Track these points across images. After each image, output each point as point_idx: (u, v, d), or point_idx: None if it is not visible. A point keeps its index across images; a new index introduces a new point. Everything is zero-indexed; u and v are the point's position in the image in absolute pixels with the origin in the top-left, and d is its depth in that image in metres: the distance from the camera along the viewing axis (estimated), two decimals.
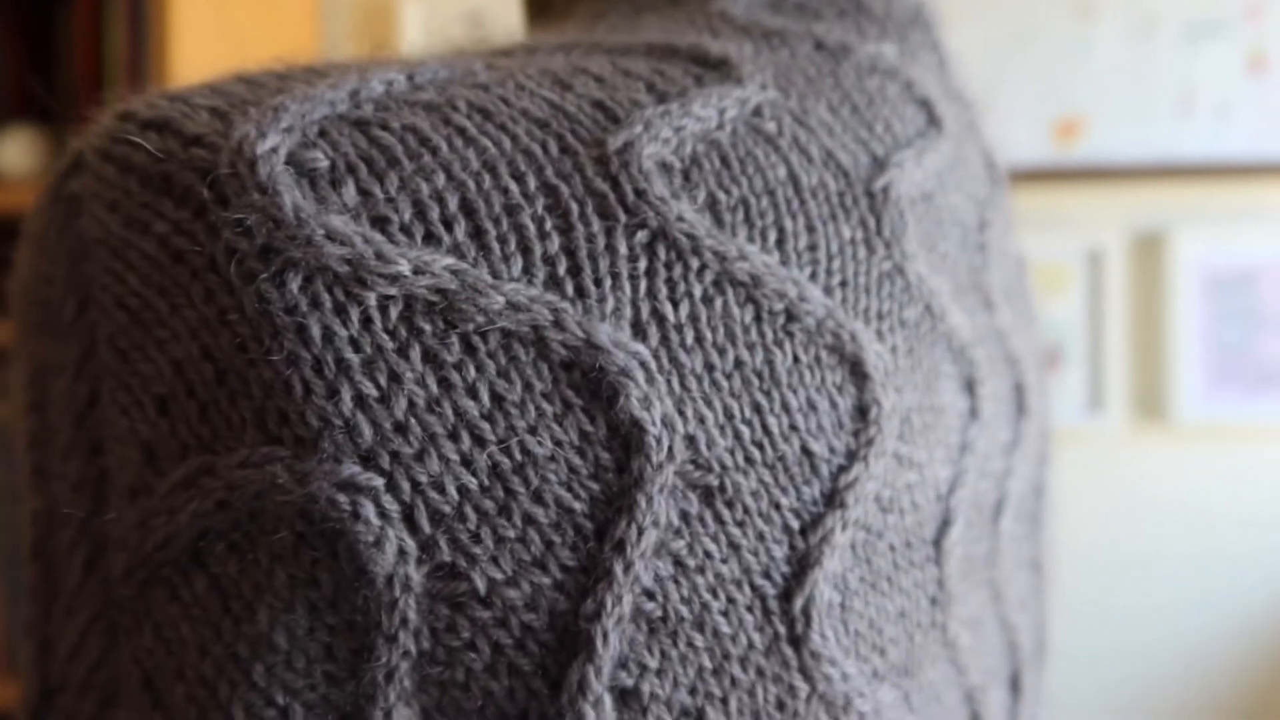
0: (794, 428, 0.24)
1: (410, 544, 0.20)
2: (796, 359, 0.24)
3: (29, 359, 0.24)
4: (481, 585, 0.20)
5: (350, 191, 0.20)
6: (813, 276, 0.25)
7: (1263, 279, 1.44)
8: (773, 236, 0.25)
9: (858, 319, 0.26)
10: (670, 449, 0.22)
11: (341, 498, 0.19)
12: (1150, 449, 1.48)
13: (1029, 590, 0.40)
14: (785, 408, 0.24)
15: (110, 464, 0.22)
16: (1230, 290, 1.44)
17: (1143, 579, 1.49)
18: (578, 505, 0.21)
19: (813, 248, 0.26)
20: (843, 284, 0.26)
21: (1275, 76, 1.42)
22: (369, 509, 0.19)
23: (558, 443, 0.21)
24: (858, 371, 0.25)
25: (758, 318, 0.24)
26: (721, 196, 0.24)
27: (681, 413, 0.22)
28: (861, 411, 0.25)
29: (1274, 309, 1.44)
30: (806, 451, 0.24)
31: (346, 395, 0.19)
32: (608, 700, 0.21)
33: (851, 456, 0.25)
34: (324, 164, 0.20)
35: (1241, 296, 1.44)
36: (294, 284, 0.19)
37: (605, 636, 0.21)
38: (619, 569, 0.21)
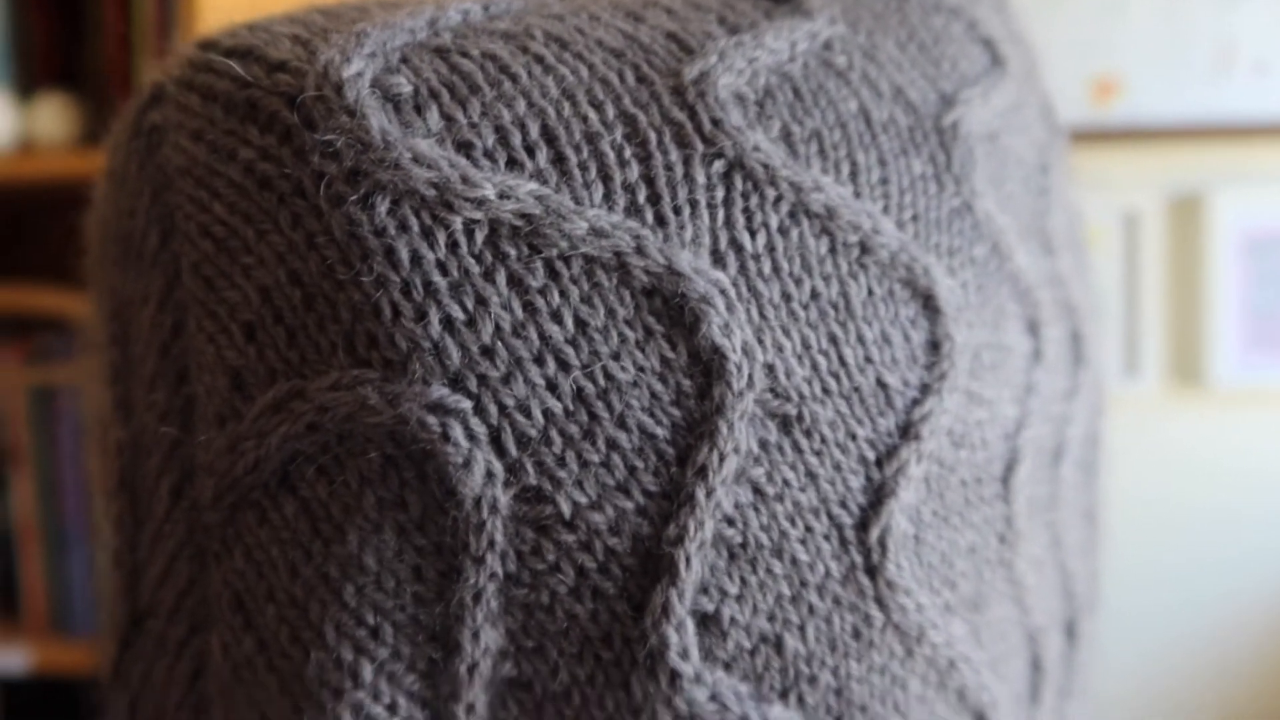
0: (869, 359, 0.24)
1: (497, 466, 0.20)
2: (871, 291, 0.24)
3: (109, 294, 0.24)
4: (566, 509, 0.20)
5: (434, 116, 0.20)
6: (885, 210, 0.25)
7: None
8: (846, 169, 0.25)
9: (930, 253, 0.26)
10: (750, 376, 0.22)
11: (431, 419, 0.19)
12: (1186, 414, 1.46)
13: (1085, 539, 0.40)
14: (860, 339, 0.24)
15: (197, 391, 0.22)
16: (1269, 252, 1.42)
17: (1178, 544, 1.48)
18: (660, 431, 0.21)
19: (885, 181, 0.25)
20: (914, 218, 0.26)
21: None
22: (458, 431, 0.20)
23: (640, 368, 0.21)
24: (931, 306, 0.25)
25: (833, 249, 0.24)
26: (795, 128, 0.24)
27: (761, 341, 0.22)
28: (934, 346, 0.25)
29: None
30: (881, 383, 0.24)
31: (434, 318, 0.20)
32: (689, 624, 0.21)
33: (925, 390, 0.25)
34: (408, 89, 0.20)
35: (1278, 260, 1.42)
36: (382, 207, 0.20)
37: (688, 560, 0.21)
38: (701, 494, 0.21)
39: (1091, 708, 0.43)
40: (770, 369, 0.22)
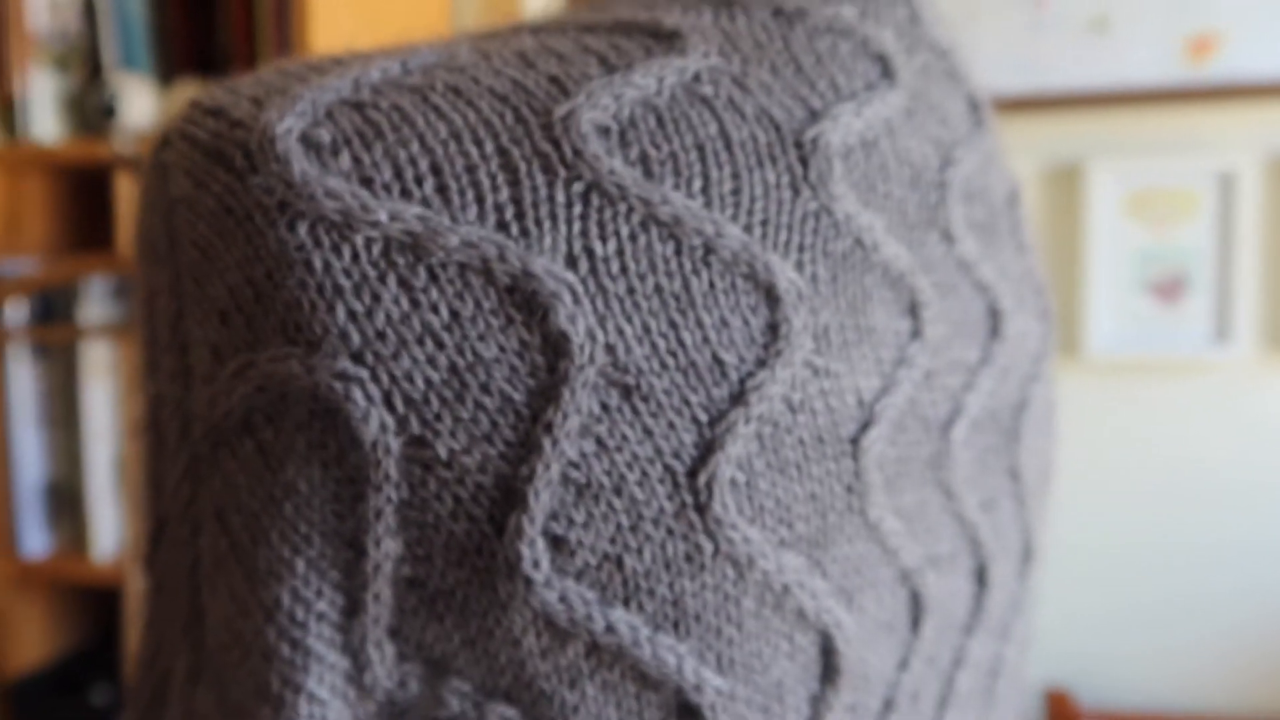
0: (706, 340, 0.29)
1: (389, 420, 0.27)
2: (712, 284, 0.30)
3: (143, 284, 0.32)
4: (443, 452, 0.27)
5: (345, 159, 0.27)
6: (734, 217, 0.30)
7: None
8: (698, 184, 0.30)
9: (775, 251, 0.31)
10: (591, 354, 0.28)
11: (337, 384, 0.27)
12: (1278, 380, 1.41)
13: (1004, 495, 0.44)
14: (699, 324, 0.29)
15: (192, 360, 0.30)
16: None
17: (1270, 511, 1.44)
18: (517, 395, 0.27)
19: (735, 192, 0.31)
20: (764, 222, 0.31)
21: None
22: (357, 393, 0.27)
23: (501, 348, 0.27)
24: (771, 295, 0.31)
25: (678, 251, 0.29)
26: (652, 152, 0.30)
27: (603, 326, 0.28)
28: (773, 328, 0.30)
29: None
30: (718, 360, 0.29)
31: (340, 310, 0.27)
32: (540, 542, 0.28)
33: (760, 364, 0.30)
34: (327, 139, 0.27)
35: None
36: (302, 229, 0.27)
37: (537, 494, 0.27)
38: (548, 444, 0.27)
39: (1020, 650, 0.47)
40: (611, 348, 0.28)
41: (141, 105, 1.23)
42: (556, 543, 0.28)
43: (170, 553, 0.31)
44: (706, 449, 0.29)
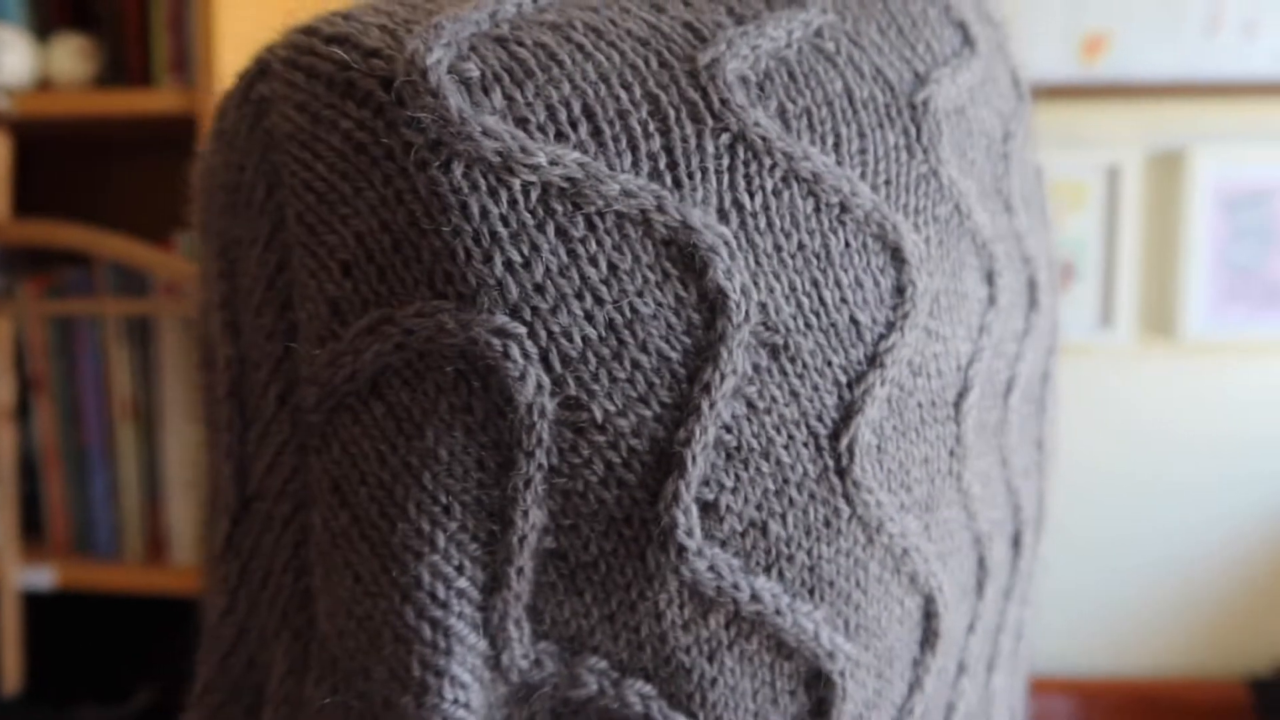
0: (844, 300, 0.29)
1: (545, 379, 0.25)
2: (848, 244, 0.29)
3: (217, 235, 0.29)
4: (599, 414, 0.26)
5: (498, 96, 0.25)
6: (863, 175, 0.30)
7: (1276, 198, 1.47)
8: (830, 141, 0.29)
9: (899, 212, 0.31)
10: (747, 312, 0.27)
11: (494, 341, 0.24)
12: (1157, 364, 1.52)
13: (1032, 463, 0.46)
14: (838, 283, 0.29)
15: (299, 317, 0.27)
16: (1244, 209, 1.47)
17: (1146, 490, 1.55)
18: (674, 354, 0.26)
19: (863, 151, 0.30)
20: (887, 183, 0.31)
21: None
22: (515, 350, 0.25)
23: (659, 304, 0.26)
24: (898, 256, 0.30)
25: (817, 208, 0.29)
26: (789, 106, 0.29)
27: (756, 283, 0.27)
28: (899, 290, 0.30)
29: None
30: (854, 320, 0.29)
31: (498, 260, 0.25)
32: (694, 509, 0.27)
33: (890, 326, 0.30)
34: (476, 74, 0.25)
35: (1255, 215, 1.47)
36: (458, 171, 0.24)
37: (694, 459, 0.26)
38: (705, 405, 0.26)
39: (1032, 613, 0.49)
40: (763, 306, 0.27)
41: (16, 60, 1.12)
42: (706, 509, 0.27)
43: (262, 534, 0.28)
44: (847, 412, 0.29)
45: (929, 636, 0.34)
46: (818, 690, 0.30)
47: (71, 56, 1.10)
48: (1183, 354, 1.52)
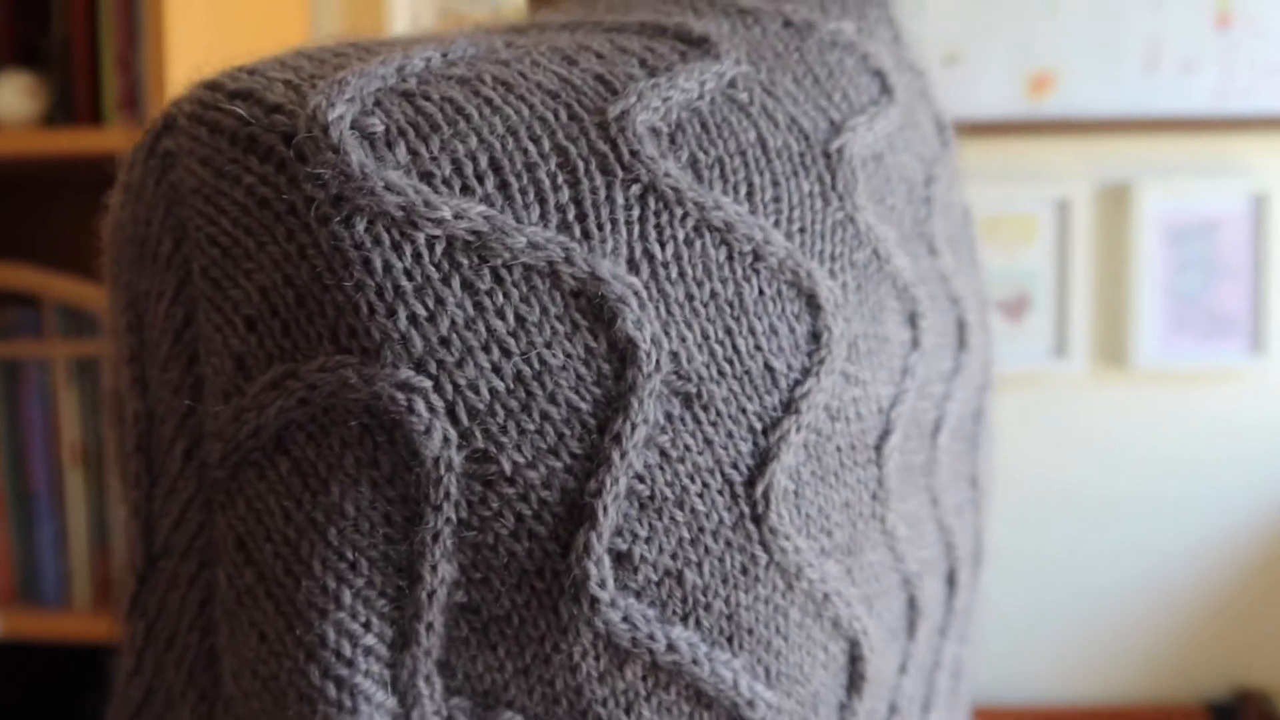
0: (759, 348, 0.29)
1: (452, 433, 0.25)
2: (762, 291, 0.29)
3: (125, 288, 0.29)
4: (508, 467, 0.25)
5: (402, 151, 0.25)
6: (776, 224, 0.30)
7: (1220, 230, 1.50)
8: (743, 190, 0.30)
9: (814, 259, 0.31)
10: (658, 361, 0.27)
11: (399, 395, 0.24)
12: (1110, 393, 1.55)
13: (966, 501, 0.46)
14: (752, 331, 0.29)
15: (205, 371, 0.26)
16: (1189, 240, 1.50)
17: (1100, 516, 1.57)
18: (583, 405, 0.26)
19: (777, 199, 0.31)
20: (801, 230, 0.31)
21: (1241, 31, 1.47)
22: (420, 404, 0.24)
23: (568, 355, 0.26)
24: (813, 303, 0.31)
25: (730, 257, 0.29)
26: (701, 156, 0.29)
27: (667, 333, 0.27)
28: (815, 336, 0.30)
29: (1229, 259, 1.50)
30: (769, 367, 0.29)
31: (402, 314, 0.24)
32: (606, 560, 0.26)
33: (806, 372, 0.30)
34: (380, 129, 0.25)
35: (1199, 247, 1.50)
36: (360, 226, 0.24)
37: (605, 509, 0.26)
38: (616, 456, 0.26)
39: (972, 651, 0.49)
40: (675, 355, 0.27)
41: None
42: (620, 559, 0.27)
43: (167, 592, 0.28)
44: (762, 458, 0.29)
45: (855, 680, 0.34)
46: None
47: (18, 95, 1.09)
48: (1135, 382, 1.54)
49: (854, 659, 0.33)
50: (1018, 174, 1.51)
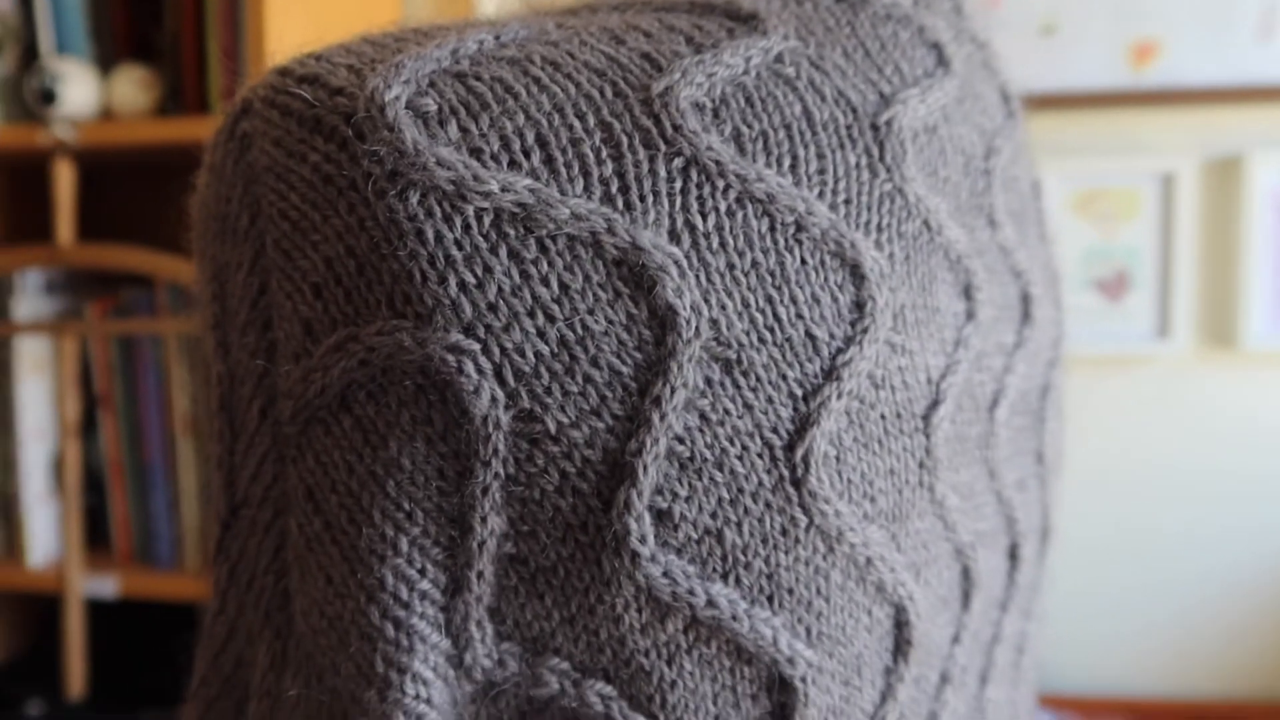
0: (800, 316, 0.30)
1: (499, 393, 0.26)
2: (804, 261, 0.30)
3: (211, 260, 0.31)
4: (552, 426, 0.27)
5: (453, 129, 0.27)
6: (820, 195, 0.31)
7: None
8: (787, 162, 0.30)
9: (858, 230, 0.32)
10: (697, 328, 0.28)
11: (450, 357, 0.26)
12: (1216, 375, 1.48)
13: (1030, 476, 0.46)
14: (793, 300, 0.30)
15: (278, 336, 0.29)
16: None
17: (1206, 503, 1.50)
18: (625, 369, 0.27)
19: (822, 171, 0.31)
20: (846, 201, 0.31)
21: None
22: (469, 366, 0.26)
23: (610, 321, 0.27)
24: (857, 273, 0.31)
25: (772, 228, 0.30)
26: (745, 130, 0.30)
27: (707, 300, 0.28)
28: (859, 305, 0.31)
29: None
30: (810, 335, 0.30)
31: (452, 282, 0.26)
32: (647, 517, 0.28)
33: (849, 341, 0.31)
34: (433, 108, 0.27)
35: None
36: (414, 199, 0.26)
37: (645, 468, 0.27)
38: (656, 418, 0.27)
39: (1038, 627, 0.49)
40: (714, 323, 0.28)
41: (81, 91, 1.18)
42: (660, 517, 0.28)
43: (247, 538, 0.30)
44: (802, 424, 0.29)
45: (901, 645, 0.34)
46: (779, 695, 0.31)
47: (133, 87, 1.16)
48: (1243, 363, 1.47)
49: (900, 624, 0.34)
50: (1119, 147, 1.45)
